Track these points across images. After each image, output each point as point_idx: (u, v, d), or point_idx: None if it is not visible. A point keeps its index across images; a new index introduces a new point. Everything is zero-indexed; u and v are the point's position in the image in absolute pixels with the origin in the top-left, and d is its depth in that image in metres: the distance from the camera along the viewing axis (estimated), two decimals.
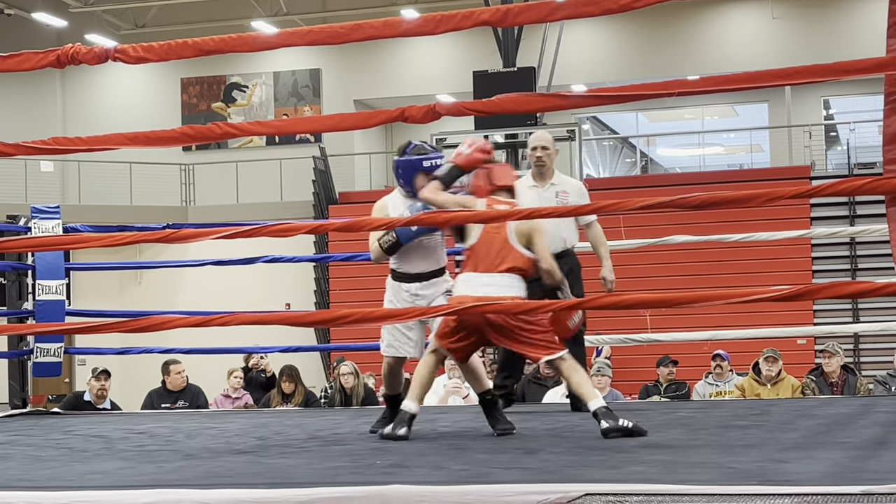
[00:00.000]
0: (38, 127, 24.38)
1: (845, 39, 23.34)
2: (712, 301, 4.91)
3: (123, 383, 16.58)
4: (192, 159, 26.62)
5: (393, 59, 26.43)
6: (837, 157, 26.04)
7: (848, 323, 19.74)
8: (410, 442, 5.79)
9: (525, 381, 11.18)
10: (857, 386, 10.37)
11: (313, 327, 20.85)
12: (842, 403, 7.95)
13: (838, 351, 10.54)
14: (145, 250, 23.06)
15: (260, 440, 6.13)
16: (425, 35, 4.70)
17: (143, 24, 26.92)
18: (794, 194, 4.54)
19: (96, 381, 10.44)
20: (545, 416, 7.29)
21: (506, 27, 17.49)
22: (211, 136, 5.13)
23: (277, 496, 3.84)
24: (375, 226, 5.20)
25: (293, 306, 22.33)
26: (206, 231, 5.09)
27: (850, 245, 21.58)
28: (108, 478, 4.69)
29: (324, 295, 22.87)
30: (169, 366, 11.00)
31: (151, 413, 9.60)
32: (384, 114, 4.78)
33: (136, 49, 4.93)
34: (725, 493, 3.37)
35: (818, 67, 4.46)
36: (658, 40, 25.36)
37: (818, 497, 3.18)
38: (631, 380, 15.88)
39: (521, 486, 3.71)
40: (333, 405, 11.11)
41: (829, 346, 10.57)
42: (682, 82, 4.75)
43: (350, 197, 24.31)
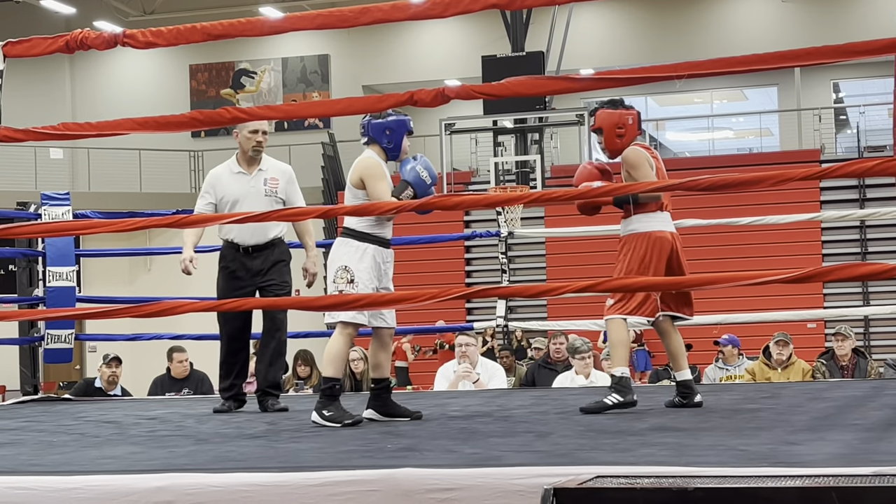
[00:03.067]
0: (47, 114, 24.39)
1: (855, 23, 23.27)
2: (722, 283, 4.90)
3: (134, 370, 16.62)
4: (201, 146, 26.64)
5: (402, 45, 26.42)
6: (847, 140, 25.98)
7: (858, 306, 19.71)
8: (421, 426, 5.80)
9: (535, 366, 11.20)
10: (868, 369, 10.36)
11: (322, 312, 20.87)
12: (852, 386, 7.95)
13: (850, 334, 10.52)
14: (155, 237, 23.09)
15: (271, 425, 6.15)
16: (434, 18, 4.69)
17: (152, 10, 26.92)
18: (803, 176, 4.53)
19: (107, 368, 10.46)
20: (556, 399, 7.29)
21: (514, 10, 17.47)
22: (220, 120, 5.13)
23: (289, 480, 3.85)
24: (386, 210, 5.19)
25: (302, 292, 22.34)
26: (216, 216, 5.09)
27: (861, 228, 21.54)
28: (119, 462, 4.70)
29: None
30: (172, 353, 10.99)
31: (162, 399, 9.62)
32: (393, 97, 4.77)
33: (144, 34, 4.93)
34: (736, 475, 3.37)
35: (827, 49, 4.44)
36: (667, 25, 25.32)
37: (829, 478, 3.17)
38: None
39: (532, 469, 3.71)
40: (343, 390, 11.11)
41: (843, 329, 10.55)
42: (691, 64, 4.73)
43: None
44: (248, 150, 7.20)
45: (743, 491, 3.10)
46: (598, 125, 6.45)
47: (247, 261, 7.17)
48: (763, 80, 26.09)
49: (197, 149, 26.54)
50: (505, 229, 11.14)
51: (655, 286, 6.22)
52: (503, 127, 18.37)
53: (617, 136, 6.39)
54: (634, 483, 3.21)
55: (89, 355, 23.20)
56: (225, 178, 7.18)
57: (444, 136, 16.44)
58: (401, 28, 25.93)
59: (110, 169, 25.41)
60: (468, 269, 23.18)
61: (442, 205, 5.55)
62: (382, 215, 5.81)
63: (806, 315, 12.78)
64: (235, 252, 7.16)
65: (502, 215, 12.25)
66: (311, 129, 25.93)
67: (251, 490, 3.81)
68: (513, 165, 17.88)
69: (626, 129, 6.38)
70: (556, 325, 11.21)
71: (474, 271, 23.16)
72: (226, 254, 7.20)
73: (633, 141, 6.41)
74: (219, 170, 7.28)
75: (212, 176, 7.23)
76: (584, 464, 3.87)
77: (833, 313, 15.98)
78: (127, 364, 11.31)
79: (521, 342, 18.06)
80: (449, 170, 16.72)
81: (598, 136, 6.49)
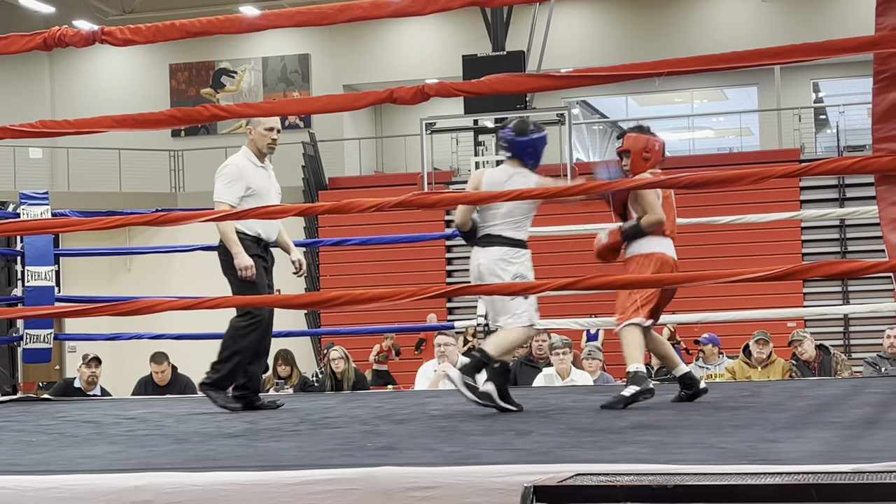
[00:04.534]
0: (26, 114, 24.23)
1: (835, 23, 23.34)
2: (703, 281, 4.91)
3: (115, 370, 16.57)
4: (181, 145, 26.57)
5: (382, 44, 26.39)
6: (827, 139, 26.06)
7: (838, 305, 19.77)
8: (401, 424, 5.80)
9: (517, 364, 11.20)
10: (833, 364, 10.41)
11: (303, 310, 20.85)
12: (832, 385, 7.98)
13: (805, 336, 10.64)
14: (135, 237, 23.03)
15: (251, 424, 6.13)
16: (413, 15, 4.68)
17: (132, 9, 26.84)
18: (783, 174, 4.54)
19: (87, 368, 10.42)
20: (536, 398, 7.29)
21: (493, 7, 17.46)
22: (199, 118, 5.10)
23: (268, 479, 3.83)
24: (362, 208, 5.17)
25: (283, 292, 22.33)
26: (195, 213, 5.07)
27: (840, 228, 21.62)
28: (98, 462, 4.68)
29: (314, 280, 22.85)
30: (151, 363, 10.94)
31: (142, 399, 9.59)
32: (373, 95, 4.76)
33: (122, 31, 4.90)
34: (716, 472, 3.37)
35: (807, 46, 4.44)
36: (647, 25, 25.36)
37: (808, 475, 3.17)
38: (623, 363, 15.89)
39: (512, 467, 3.71)
40: (324, 390, 11.11)
41: (797, 335, 10.67)
42: (671, 62, 4.73)
43: (340, 182, 24.28)
44: (263, 147, 7.26)
45: (723, 488, 3.10)
46: (626, 147, 6.67)
47: (266, 255, 7.25)
48: (743, 79, 26.15)
49: (177, 148, 26.47)
50: None
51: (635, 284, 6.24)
52: (484, 126, 18.39)
53: (643, 160, 6.63)
54: (614, 481, 3.20)
55: (69, 355, 23.11)
56: (251, 171, 7.19)
57: (424, 135, 16.45)
58: (382, 27, 25.91)
59: (90, 168, 25.32)
60: (449, 268, 23.18)
61: (421, 203, 5.53)
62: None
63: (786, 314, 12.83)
64: (257, 245, 7.16)
65: None
66: (291, 128, 25.86)
67: (230, 489, 3.80)
68: (494, 165, 17.88)
69: (652, 155, 6.64)
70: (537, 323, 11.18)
71: (455, 270, 23.15)
72: (251, 247, 7.10)
73: (654, 167, 6.66)
74: (242, 161, 7.24)
75: (238, 167, 7.17)
76: (564, 462, 3.87)
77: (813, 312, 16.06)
78: (107, 364, 11.28)
79: None
80: (430, 169, 16.72)
81: (625, 159, 6.68)
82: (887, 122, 4.32)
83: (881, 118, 4.34)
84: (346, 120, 26.16)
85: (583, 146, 29.29)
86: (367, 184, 24.35)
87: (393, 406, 7.12)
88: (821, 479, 3.10)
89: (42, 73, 27.78)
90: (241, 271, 6.91)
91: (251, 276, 6.92)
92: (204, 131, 26.94)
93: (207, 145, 26.19)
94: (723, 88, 28.26)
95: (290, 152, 24.62)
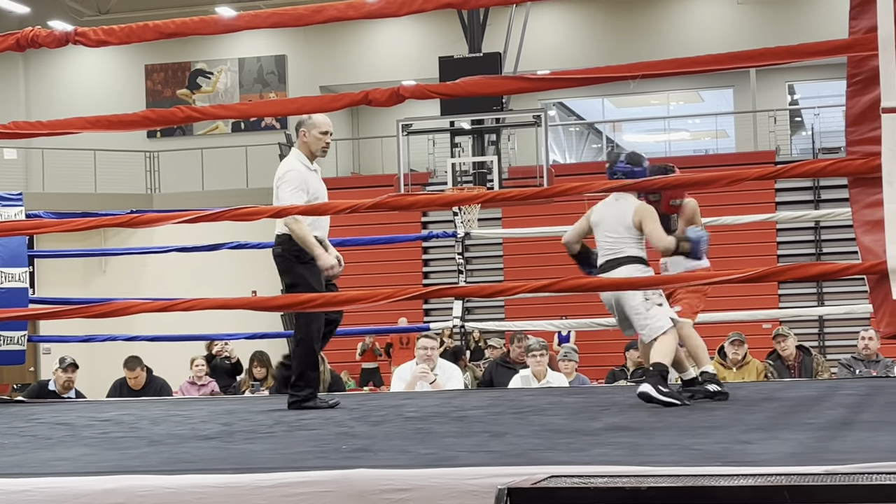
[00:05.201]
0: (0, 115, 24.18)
1: (810, 25, 23.44)
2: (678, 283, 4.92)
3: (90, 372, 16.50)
4: (156, 146, 26.50)
5: (359, 46, 26.37)
6: (802, 142, 26.18)
7: (813, 307, 19.86)
8: (377, 426, 5.79)
9: (493, 365, 11.21)
10: (814, 366, 10.45)
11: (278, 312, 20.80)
12: (806, 386, 8.01)
13: (790, 333, 10.65)
14: (110, 238, 22.94)
15: (225, 426, 6.11)
16: (389, 17, 4.68)
17: (107, 10, 26.75)
18: (757, 176, 4.55)
19: (63, 373, 10.35)
20: (512, 400, 7.29)
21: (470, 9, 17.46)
22: (173, 119, 5.08)
23: (242, 481, 3.82)
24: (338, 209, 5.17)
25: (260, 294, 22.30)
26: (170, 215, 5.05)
27: (815, 229, 21.71)
28: (71, 464, 4.65)
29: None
30: (124, 368, 10.90)
31: (116, 401, 9.55)
32: (348, 97, 4.75)
33: (96, 32, 4.88)
34: (689, 473, 3.37)
35: (781, 49, 4.46)
36: (624, 27, 25.42)
37: (781, 477, 3.18)
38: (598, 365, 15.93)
39: (486, 469, 3.70)
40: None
41: (781, 330, 10.70)
42: (646, 64, 4.74)
43: None
44: (318, 151, 7.29)
45: (696, 490, 3.11)
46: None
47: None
48: (719, 81, 26.26)
49: (153, 149, 26.39)
50: (462, 230, 11.15)
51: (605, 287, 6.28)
52: (460, 128, 18.39)
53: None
54: (588, 483, 3.21)
55: (43, 357, 23.00)
56: (308, 175, 7.23)
57: (401, 136, 16.43)
58: (358, 29, 25.89)
59: (65, 169, 25.23)
60: (426, 269, 23.19)
61: (397, 204, 5.53)
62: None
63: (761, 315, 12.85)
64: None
65: (459, 216, 12.26)
66: (268, 129, 25.84)
67: (203, 492, 3.78)
68: (470, 166, 17.89)
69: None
70: (513, 325, 11.21)
71: (432, 272, 23.17)
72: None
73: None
74: (298, 166, 7.26)
75: (297, 172, 7.20)
76: (538, 464, 3.87)
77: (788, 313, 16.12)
78: (82, 366, 11.22)
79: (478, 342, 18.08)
80: (406, 171, 16.71)
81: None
82: (861, 125, 4.34)
83: (854, 121, 4.36)
84: None
85: (559, 148, 29.33)
86: (343, 185, 24.33)
87: (368, 408, 7.11)
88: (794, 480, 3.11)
89: (17, 73, 27.65)
90: (328, 271, 7.09)
91: (338, 274, 7.16)
92: (180, 132, 26.87)
93: (183, 146, 26.14)
94: (699, 90, 28.35)
95: (266, 153, 24.62)
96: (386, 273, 20.94)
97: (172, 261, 19.91)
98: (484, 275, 22.71)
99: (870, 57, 4.27)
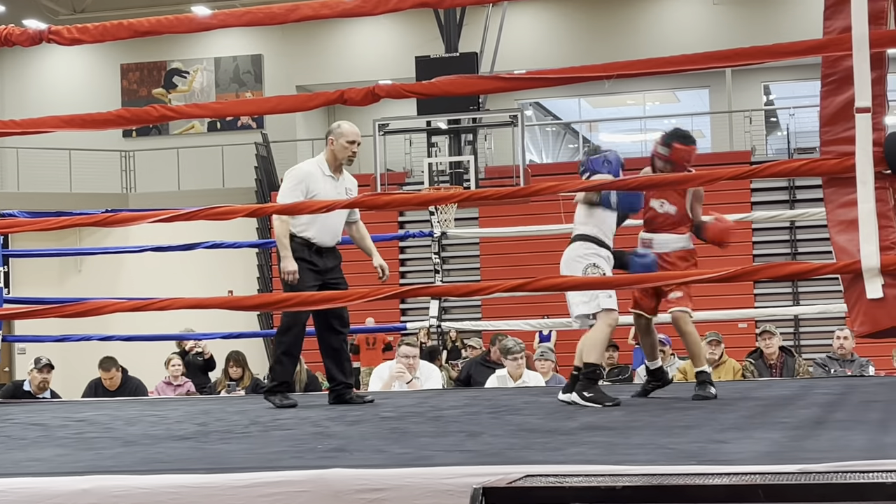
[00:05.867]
0: None
1: (786, 26, 23.55)
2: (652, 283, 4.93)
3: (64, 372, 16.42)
4: (132, 146, 26.40)
5: (335, 45, 26.34)
6: (778, 142, 26.28)
7: (788, 306, 19.93)
8: (352, 426, 5.78)
9: (473, 362, 11.21)
10: (796, 367, 10.47)
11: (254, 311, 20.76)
12: (781, 385, 8.04)
13: (776, 332, 10.64)
14: (86, 237, 22.86)
15: (201, 426, 6.09)
16: (364, 16, 4.67)
17: (83, 9, 26.65)
18: (731, 175, 4.56)
19: (39, 374, 10.30)
20: (489, 399, 7.30)
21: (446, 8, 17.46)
22: (148, 118, 5.06)
23: (216, 481, 3.80)
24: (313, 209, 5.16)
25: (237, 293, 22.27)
26: (145, 214, 5.03)
27: (791, 229, 21.79)
28: (44, 465, 4.63)
29: (267, 282, 22.77)
30: (99, 368, 10.86)
31: (91, 401, 9.51)
32: (323, 96, 4.74)
33: (70, 31, 4.86)
34: (664, 472, 3.38)
35: (756, 49, 4.47)
36: (600, 27, 25.47)
37: (756, 476, 3.19)
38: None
39: (462, 469, 3.69)
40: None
41: (768, 328, 10.66)
42: (622, 64, 4.75)
43: None
44: (343, 159, 7.41)
45: (671, 489, 3.11)
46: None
47: (317, 259, 7.39)
48: (695, 81, 26.33)
49: (128, 149, 26.30)
50: (438, 229, 11.15)
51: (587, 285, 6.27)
52: (437, 128, 18.38)
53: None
54: (563, 482, 3.21)
55: (18, 357, 22.91)
56: (319, 179, 7.34)
57: (377, 136, 16.42)
58: (335, 28, 25.86)
59: (40, 168, 25.12)
60: (402, 269, 23.17)
61: (373, 204, 5.53)
62: None
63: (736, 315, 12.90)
64: (309, 249, 7.35)
65: (436, 216, 12.26)
66: (244, 129, 25.79)
67: (177, 492, 3.77)
68: (447, 166, 17.89)
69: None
70: (490, 325, 11.22)
71: (408, 272, 23.15)
72: (298, 250, 7.32)
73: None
74: (310, 168, 7.40)
75: (304, 173, 7.35)
76: (514, 463, 3.87)
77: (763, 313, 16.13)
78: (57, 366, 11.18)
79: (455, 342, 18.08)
80: (383, 170, 16.70)
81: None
82: (835, 125, 4.36)
83: (829, 121, 4.37)
84: (298, 120, 26.11)
85: (536, 148, 29.35)
86: None
87: (345, 408, 7.11)
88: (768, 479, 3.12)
89: None
90: (283, 275, 7.20)
91: (292, 281, 7.16)
92: (156, 132, 26.79)
93: (159, 146, 26.06)
94: (675, 91, 28.42)
95: (242, 153, 24.57)
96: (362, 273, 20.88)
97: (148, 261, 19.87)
98: (461, 274, 22.71)
99: (844, 57, 4.29)
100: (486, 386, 9.41)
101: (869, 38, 4.20)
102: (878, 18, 4.25)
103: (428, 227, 12.68)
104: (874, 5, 4.23)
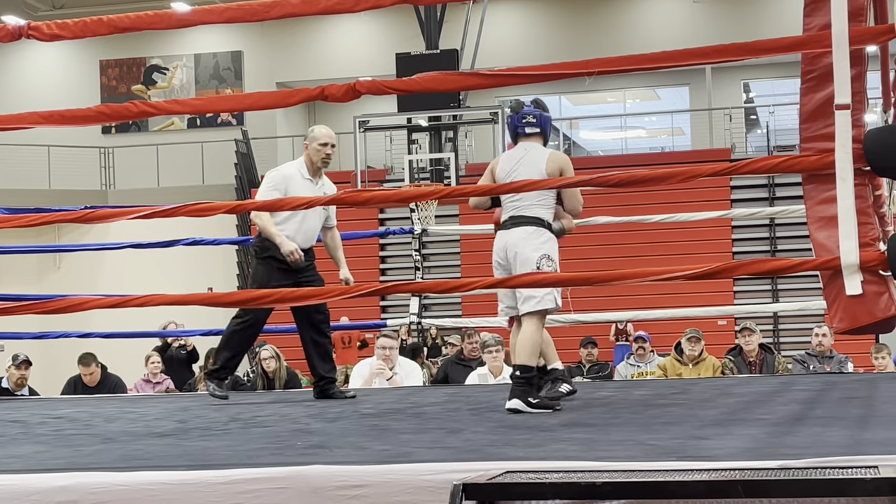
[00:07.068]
0: None
1: (766, 23, 23.60)
2: (632, 279, 4.93)
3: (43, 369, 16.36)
4: (111, 142, 26.30)
5: (316, 42, 26.30)
6: (757, 139, 26.34)
7: (767, 303, 19.98)
8: (333, 423, 5.77)
9: (449, 362, 11.21)
10: (776, 365, 10.50)
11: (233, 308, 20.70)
12: (761, 382, 8.06)
13: (756, 329, 10.67)
14: (65, 234, 22.77)
15: (180, 423, 6.08)
16: (345, 13, 4.66)
17: (62, 5, 26.54)
18: (711, 172, 4.58)
19: (16, 370, 10.26)
20: (469, 396, 7.30)
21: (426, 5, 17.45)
22: (127, 114, 5.05)
23: (196, 478, 3.79)
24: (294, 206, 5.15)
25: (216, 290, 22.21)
26: (124, 211, 5.01)
27: (770, 227, 21.85)
28: (23, 462, 4.61)
29: (247, 279, 22.71)
30: (78, 364, 10.83)
31: (70, 398, 9.47)
32: (304, 92, 4.73)
33: (49, 26, 4.84)
34: (644, 468, 3.38)
35: (735, 46, 4.49)
36: (581, 24, 25.49)
37: (735, 472, 3.20)
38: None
39: (442, 465, 3.70)
40: (255, 389, 11.04)
41: (748, 325, 10.68)
42: (602, 61, 4.75)
43: None
44: (318, 162, 7.50)
45: (650, 485, 3.11)
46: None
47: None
48: (675, 79, 26.36)
49: (107, 145, 26.20)
50: (419, 226, 11.14)
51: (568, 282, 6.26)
52: (417, 125, 18.36)
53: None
54: (543, 478, 3.20)
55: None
56: (297, 181, 7.41)
57: (358, 133, 16.40)
58: (315, 25, 25.82)
59: (18, 165, 24.99)
60: (383, 266, 23.15)
61: (353, 201, 5.52)
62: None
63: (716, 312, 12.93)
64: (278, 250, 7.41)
65: (416, 212, 12.25)
66: (224, 125, 25.71)
67: (157, 489, 3.75)
68: (427, 163, 17.87)
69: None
70: (470, 321, 11.22)
71: (389, 269, 23.13)
72: (273, 249, 7.41)
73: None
74: (289, 171, 7.50)
75: (282, 175, 7.45)
76: (494, 459, 3.87)
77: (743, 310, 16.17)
78: (35, 363, 11.14)
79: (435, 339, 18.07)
80: (363, 167, 16.68)
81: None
82: (814, 122, 4.37)
83: (808, 118, 4.39)
84: (279, 117, 26.05)
85: None
86: None
87: (325, 404, 7.10)
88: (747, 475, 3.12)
89: None
90: (288, 256, 7.30)
91: (298, 259, 7.32)
92: (135, 128, 26.69)
93: (138, 142, 25.96)
94: (655, 88, 28.46)
95: (222, 150, 24.50)
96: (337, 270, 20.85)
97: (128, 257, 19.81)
98: (441, 271, 22.70)
99: (823, 54, 4.30)
100: (467, 383, 9.41)
101: (849, 35, 4.21)
102: (857, 15, 4.27)
103: (408, 224, 12.67)
104: (854, 2, 4.25)
